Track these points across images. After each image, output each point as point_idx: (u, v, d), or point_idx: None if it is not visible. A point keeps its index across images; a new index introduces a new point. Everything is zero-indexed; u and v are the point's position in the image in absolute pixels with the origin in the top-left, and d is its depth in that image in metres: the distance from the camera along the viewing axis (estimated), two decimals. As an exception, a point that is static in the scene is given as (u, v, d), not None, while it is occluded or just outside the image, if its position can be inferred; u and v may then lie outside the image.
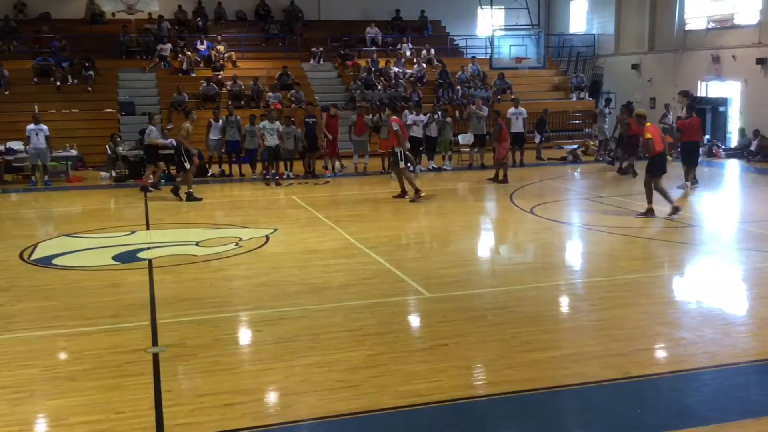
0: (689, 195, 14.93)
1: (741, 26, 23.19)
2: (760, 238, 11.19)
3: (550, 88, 28.40)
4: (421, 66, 26.91)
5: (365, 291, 8.55)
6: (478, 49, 29.92)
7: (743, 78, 22.71)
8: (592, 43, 30.37)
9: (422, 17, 30.46)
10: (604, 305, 7.91)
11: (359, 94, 24.36)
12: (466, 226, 13.05)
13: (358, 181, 18.32)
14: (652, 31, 26.84)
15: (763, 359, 6.26)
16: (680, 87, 24.24)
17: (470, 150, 21.00)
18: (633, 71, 27.58)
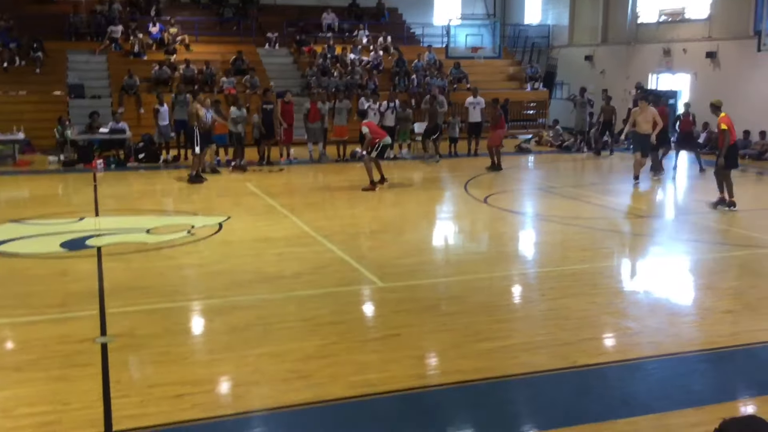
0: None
1: (691, 20, 23.68)
2: (707, 229, 11.49)
3: (505, 78, 28.61)
4: (377, 53, 26.85)
5: (319, 280, 8.53)
6: (434, 37, 29.96)
7: (693, 71, 23.21)
8: (547, 34, 30.68)
9: (379, 4, 30.36)
10: (554, 295, 8.04)
11: (315, 80, 24.20)
12: (420, 215, 13.11)
13: (312, 169, 18.24)
14: (605, 23, 27.23)
15: (706, 349, 6.44)
16: (632, 79, 24.78)
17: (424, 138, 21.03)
18: (586, 62, 27.96)
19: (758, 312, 7.42)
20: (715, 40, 22.27)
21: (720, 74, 22.12)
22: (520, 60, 30.10)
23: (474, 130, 20.86)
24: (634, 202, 14.09)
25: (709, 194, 14.59)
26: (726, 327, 6.95)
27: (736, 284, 8.45)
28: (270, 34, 27.07)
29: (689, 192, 16.20)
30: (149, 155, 18.87)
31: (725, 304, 7.68)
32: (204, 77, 23.52)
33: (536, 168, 19.34)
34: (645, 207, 13.83)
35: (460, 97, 22.99)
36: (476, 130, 20.82)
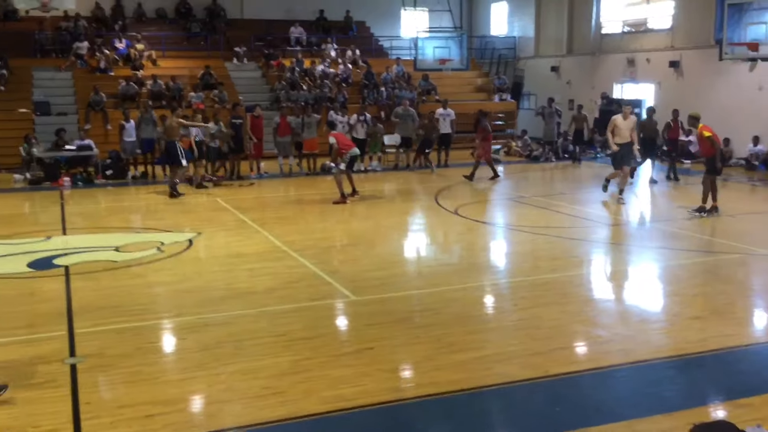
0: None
1: (654, 30, 24.10)
2: (672, 236, 11.66)
3: (473, 90, 28.84)
4: (346, 66, 26.93)
5: (291, 295, 8.50)
6: (402, 50, 30.11)
7: (657, 80, 23.60)
8: (513, 46, 31.02)
9: (347, 18, 30.47)
10: (526, 305, 8.11)
11: (284, 94, 24.18)
12: (392, 227, 13.13)
13: (283, 183, 18.20)
14: (570, 34, 27.61)
15: (675, 355, 6.53)
16: (597, 89, 25.14)
17: (396, 151, 21.16)
18: (552, 73, 28.30)
19: (725, 318, 7.54)
20: (678, 50, 22.68)
21: (683, 83, 22.52)
22: (487, 71, 30.38)
23: (444, 142, 20.98)
24: (603, 210, 14.25)
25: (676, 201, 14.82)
26: (694, 333, 7.06)
27: (703, 290, 8.58)
28: (238, 48, 27.01)
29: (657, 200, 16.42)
30: (117, 172, 18.69)
31: (693, 310, 7.80)
32: (172, 92, 23.37)
33: (506, 178, 19.47)
34: (614, 215, 13.99)
35: (429, 109, 23.09)
36: (446, 142, 20.96)
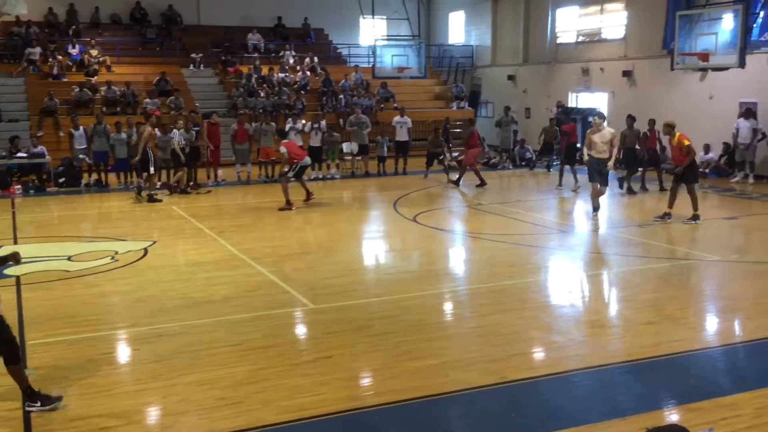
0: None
1: (608, 40, 24.54)
2: (627, 243, 11.86)
3: (431, 98, 29.04)
4: (304, 74, 26.87)
5: (249, 304, 8.43)
6: (361, 57, 30.18)
7: (611, 89, 24.02)
8: (471, 55, 31.32)
9: (305, 25, 30.43)
10: (483, 312, 8.16)
11: (242, 101, 24.02)
12: (350, 235, 13.13)
13: (241, 190, 18.05)
14: (526, 44, 27.97)
15: (629, 360, 6.63)
16: (553, 98, 25.48)
17: (353, 158, 21.17)
18: (509, 82, 28.63)
19: (678, 323, 7.70)
20: (631, 59, 23.14)
21: (636, 92, 22.97)
22: (445, 80, 30.62)
23: (401, 149, 21.07)
24: (559, 217, 14.44)
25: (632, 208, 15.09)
26: (648, 338, 7.18)
27: (656, 296, 8.74)
28: (194, 54, 26.77)
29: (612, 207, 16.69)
30: (70, 179, 18.34)
31: (646, 315, 7.93)
32: (126, 99, 23.04)
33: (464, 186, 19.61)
34: (570, 222, 14.18)
35: (388, 117, 23.21)
36: (403, 149, 21.05)
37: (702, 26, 16.93)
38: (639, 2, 22.84)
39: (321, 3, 30.50)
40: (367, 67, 27.59)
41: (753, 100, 18.73)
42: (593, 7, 25.08)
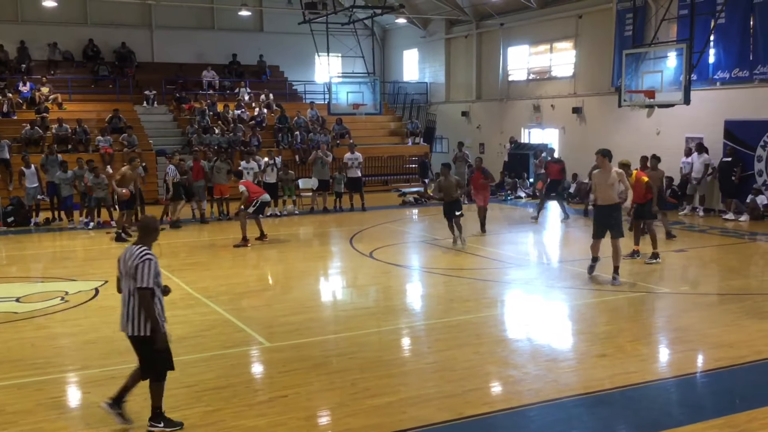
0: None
1: (558, 78, 25.17)
2: (579, 276, 12.03)
3: (386, 134, 29.31)
4: (260, 110, 26.92)
5: (203, 343, 8.32)
6: (316, 94, 30.40)
7: (561, 125, 24.57)
8: (425, 91, 31.79)
9: (260, 62, 30.56)
10: (440, 347, 8.19)
11: (196, 138, 23.92)
12: (307, 271, 13.07)
13: (196, 228, 17.86)
14: (479, 81, 28.51)
15: (583, 393, 6.71)
16: (506, 133, 25.97)
17: (313, 194, 21.18)
18: (463, 118, 29.10)
19: (630, 355, 7.82)
20: (580, 96, 23.74)
21: (586, 128, 23.53)
22: (400, 116, 30.97)
23: (353, 185, 21.16)
24: (514, 252, 14.60)
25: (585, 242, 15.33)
26: (600, 371, 7.28)
27: (608, 328, 8.88)
28: (148, 91, 26.65)
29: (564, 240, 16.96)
30: (19, 219, 17.96)
31: (599, 348, 8.05)
32: (78, 136, 22.75)
33: (420, 221, 19.76)
34: (523, 256, 14.35)
35: (344, 153, 23.30)
36: (356, 185, 21.14)
37: (648, 64, 17.48)
38: (587, 41, 23.52)
39: (276, 41, 30.73)
40: (322, 103, 27.81)
41: (699, 135, 19.34)
42: (543, 45, 25.74)
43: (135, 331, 5.86)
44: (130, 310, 5.87)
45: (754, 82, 18.25)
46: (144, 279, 5.74)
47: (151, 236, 6.09)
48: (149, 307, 5.78)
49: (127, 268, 5.85)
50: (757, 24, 18.00)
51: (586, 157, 22.78)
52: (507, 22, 26.52)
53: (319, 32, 23.44)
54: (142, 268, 5.75)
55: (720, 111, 18.89)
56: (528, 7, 25.28)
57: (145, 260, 5.78)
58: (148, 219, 6.33)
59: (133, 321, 5.85)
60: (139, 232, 6.16)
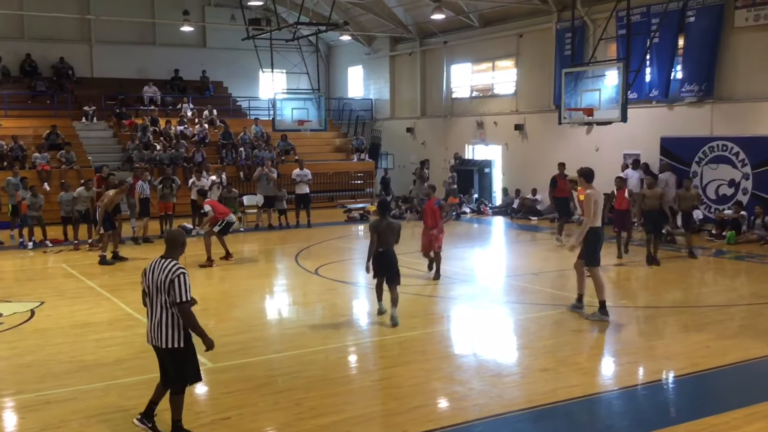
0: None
1: (500, 95, 25.56)
2: (523, 291, 12.19)
3: (332, 150, 29.30)
4: (203, 126, 26.62)
5: (143, 365, 8.09)
6: (261, 110, 30.24)
7: (504, 142, 24.94)
8: (370, 107, 31.92)
9: (203, 78, 30.26)
10: (385, 364, 8.17)
11: (137, 154, 23.49)
12: (251, 289, 12.91)
13: (136, 246, 17.49)
14: (423, 97, 28.78)
15: (527, 408, 6.76)
16: (451, 149, 26.21)
17: (258, 211, 20.99)
18: (408, 134, 29.29)
19: (572, 368, 7.93)
20: (522, 114, 24.15)
21: (528, 144, 23.93)
22: (346, 132, 31.01)
23: (302, 202, 21.06)
24: (459, 268, 14.69)
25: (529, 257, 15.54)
26: (544, 385, 7.36)
27: (551, 342, 8.99)
28: (87, 107, 26.11)
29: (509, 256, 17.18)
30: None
31: (542, 362, 8.14)
32: (14, 153, 22.11)
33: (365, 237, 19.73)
34: (469, 272, 14.45)
35: (289, 169, 23.21)
36: (304, 202, 21.04)
37: (587, 83, 17.87)
38: (528, 60, 23.97)
39: (219, 56, 30.51)
40: (267, 119, 27.65)
41: (636, 152, 19.86)
42: (485, 63, 26.14)
43: (169, 343, 5.94)
44: (162, 323, 5.94)
45: (686, 100, 18.85)
46: (183, 293, 5.86)
47: (179, 249, 6.16)
48: (192, 319, 5.95)
49: (159, 283, 5.91)
50: (686, 44, 18.64)
51: (528, 173, 23.27)
52: (450, 41, 26.87)
53: (263, 48, 23.32)
54: (179, 282, 5.85)
55: (656, 128, 19.46)
56: (470, 26, 25.66)
57: (179, 274, 5.87)
58: (176, 232, 6.43)
59: (166, 333, 5.94)
60: (167, 245, 6.20)
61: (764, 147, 17.15)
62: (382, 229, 10.09)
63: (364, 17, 28.83)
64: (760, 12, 17.11)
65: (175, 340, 5.93)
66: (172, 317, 5.89)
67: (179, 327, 5.92)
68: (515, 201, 23.34)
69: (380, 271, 10.15)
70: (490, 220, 22.70)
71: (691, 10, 18.46)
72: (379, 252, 10.04)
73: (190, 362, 6.06)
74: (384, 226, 10.12)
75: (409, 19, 27.74)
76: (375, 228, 10.15)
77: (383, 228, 10.09)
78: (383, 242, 10.06)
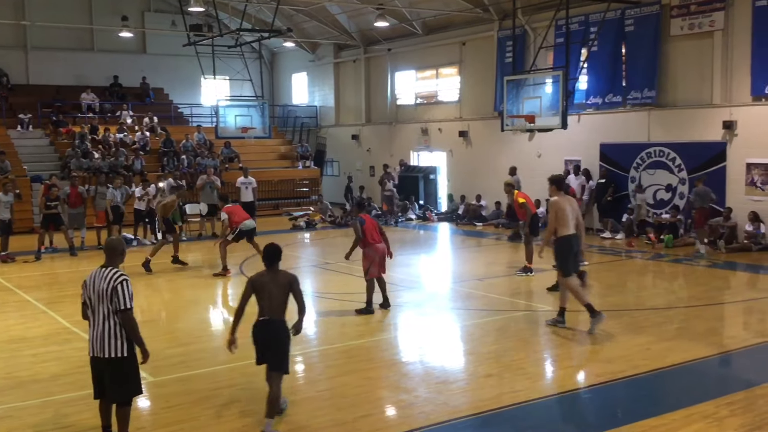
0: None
1: (444, 102, 25.77)
2: (468, 297, 12.27)
3: (276, 157, 29.09)
4: (143, 134, 26.11)
5: (81, 381, 7.84)
6: (203, 117, 29.86)
7: (449, 149, 25.13)
8: (315, 115, 31.83)
9: (143, 84, 29.72)
10: (332, 374, 8.11)
11: (75, 162, 22.91)
12: (194, 300, 12.68)
13: (75, 257, 17.02)
14: (368, 104, 28.82)
15: (472, 414, 6.78)
16: (396, 156, 26.29)
17: (201, 219, 20.65)
18: (353, 141, 29.29)
19: (516, 373, 7.99)
20: (466, 121, 24.38)
21: (472, 151, 24.16)
22: (290, 139, 30.84)
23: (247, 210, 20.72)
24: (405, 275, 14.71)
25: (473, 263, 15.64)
26: (488, 391, 7.40)
27: (495, 348, 9.05)
28: (23, 115, 25.36)
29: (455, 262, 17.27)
30: None
31: (487, 368, 8.19)
32: (-56, 161, 21.33)
33: (311, 245, 19.63)
34: (415, 279, 14.48)
35: (233, 177, 22.93)
36: (249, 210, 20.74)
37: (528, 90, 18.14)
38: (471, 67, 24.22)
39: (160, 62, 30.04)
40: (210, 127, 27.33)
41: (577, 158, 20.24)
42: (429, 71, 26.32)
43: (112, 352, 5.83)
44: (105, 333, 5.83)
45: (626, 107, 19.30)
46: (125, 300, 5.80)
47: (119, 258, 6.07)
48: (135, 328, 5.88)
49: (101, 291, 5.83)
50: (627, 52, 19.08)
51: (473, 179, 23.50)
52: (394, 48, 26.98)
53: (206, 54, 23.04)
54: (122, 289, 5.80)
55: (595, 135, 19.87)
56: (414, 34, 25.81)
57: (122, 281, 5.82)
58: (115, 241, 6.31)
59: (109, 343, 5.83)
60: (107, 253, 6.06)
61: (700, 152, 17.69)
62: (259, 285, 6.73)
63: (308, 24, 28.75)
64: (695, 21, 17.64)
65: (118, 349, 5.83)
66: (115, 326, 5.80)
67: (122, 336, 5.83)
68: (460, 207, 23.53)
69: (260, 350, 6.71)
70: (436, 226, 22.82)
71: (630, 19, 18.92)
72: (261, 321, 6.69)
73: (134, 373, 5.96)
74: (267, 281, 6.74)
75: (353, 27, 27.76)
76: (252, 283, 6.80)
77: (264, 283, 6.72)
78: (266, 306, 6.70)
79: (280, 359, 6.58)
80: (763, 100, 16.58)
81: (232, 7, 24.97)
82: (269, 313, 6.62)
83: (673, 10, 18.09)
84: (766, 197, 16.56)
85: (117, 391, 5.94)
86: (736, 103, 17.07)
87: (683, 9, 17.87)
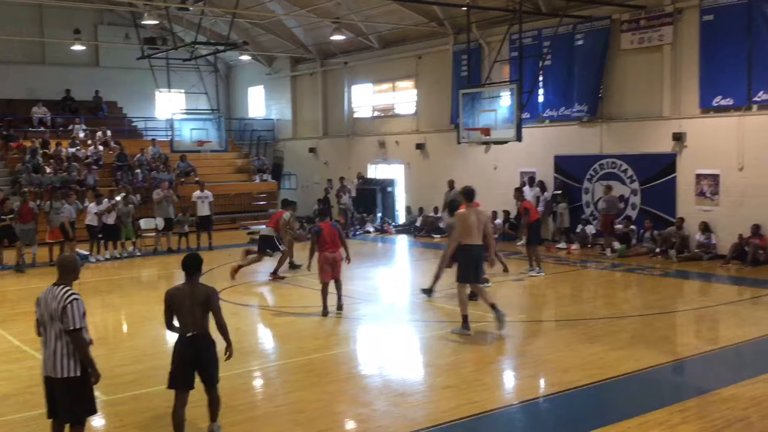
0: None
1: (401, 115, 25.90)
2: (427, 309, 12.30)
3: (233, 171, 28.88)
4: (96, 148, 25.70)
5: (31, 401, 7.67)
6: (158, 131, 29.50)
7: (406, 161, 25.24)
8: (272, 128, 31.71)
9: (96, 98, 29.29)
10: (289, 388, 8.05)
11: (26, 177, 22.43)
12: (149, 317, 12.45)
13: (24, 274, 16.63)
14: (325, 117, 28.82)
15: (430, 426, 6.80)
16: (354, 169, 26.32)
17: (156, 234, 20.35)
18: (311, 154, 29.25)
19: (472, 385, 8.03)
20: (423, 133, 24.53)
21: (429, 163, 24.31)
22: (247, 153, 30.65)
23: (203, 224, 20.62)
24: (363, 287, 14.70)
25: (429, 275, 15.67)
26: (446, 402, 7.42)
27: (453, 360, 9.09)
28: (-30, 129, 24.77)
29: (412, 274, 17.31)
30: None
31: (444, 379, 8.22)
32: None
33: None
34: (372, 291, 14.48)
35: (190, 191, 22.68)
36: (205, 224, 20.61)
37: (483, 104, 18.32)
38: (427, 81, 24.41)
39: (113, 76, 29.65)
40: (165, 140, 26.98)
41: (532, 170, 20.52)
42: (386, 84, 26.45)
43: (64, 372, 5.73)
44: (57, 352, 5.74)
45: (577, 119, 19.64)
46: (75, 320, 5.68)
47: (72, 275, 5.92)
48: (85, 347, 5.77)
49: (52, 310, 5.69)
50: (578, 65, 19.45)
51: (431, 191, 23.61)
52: (351, 61, 27.06)
53: (160, 68, 22.81)
54: (71, 309, 5.68)
55: (550, 147, 20.18)
56: (370, 47, 25.93)
57: (71, 301, 5.69)
58: (68, 257, 6.13)
59: (61, 362, 5.74)
60: (60, 271, 5.91)
61: (651, 164, 18.08)
62: (178, 298, 6.39)
63: (264, 37, 28.67)
64: (644, 35, 18.06)
65: (71, 369, 5.73)
66: (67, 345, 5.70)
67: (75, 356, 5.73)
68: (418, 219, 23.62)
69: (183, 369, 6.46)
70: (394, 238, 22.88)
71: (580, 34, 19.30)
72: (187, 338, 6.41)
73: (87, 393, 5.85)
74: (185, 294, 6.39)
75: (310, 40, 27.77)
76: (171, 297, 6.46)
77: (183, 297, 6.38)
78: (188, 321, 6.39)
79: (212, 375, 6.57)
80: (711, 113, 17.04)
81: (186, 20, 24.80)
82: (193, 327, 6.41)
83: (623, 25, 18.51)
84: (715, 207, 16.99)
85: (70, 411, 5.82)
86: (685, 116, 17.51)
87: (633, 23, 18.29)
